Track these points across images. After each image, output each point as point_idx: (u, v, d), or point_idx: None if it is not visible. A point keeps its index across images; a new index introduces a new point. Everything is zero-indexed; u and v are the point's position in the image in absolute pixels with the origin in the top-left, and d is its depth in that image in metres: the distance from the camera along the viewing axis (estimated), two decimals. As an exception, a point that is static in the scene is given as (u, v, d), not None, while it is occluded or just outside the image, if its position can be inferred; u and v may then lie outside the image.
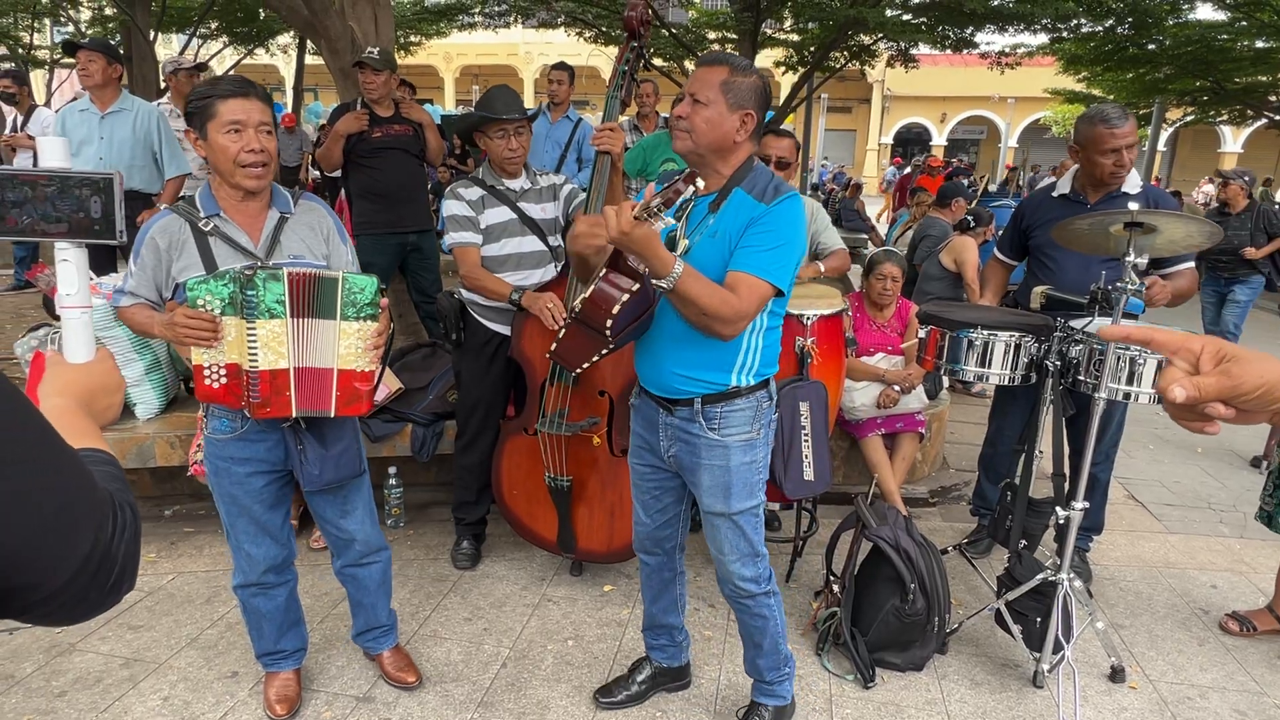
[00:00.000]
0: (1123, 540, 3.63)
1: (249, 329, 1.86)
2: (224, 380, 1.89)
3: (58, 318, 3.54)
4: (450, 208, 2.78)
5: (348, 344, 1.94)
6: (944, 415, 4.24)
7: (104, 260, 4.36)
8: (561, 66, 5.16)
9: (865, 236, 10.31)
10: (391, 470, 3.48)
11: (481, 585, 3.07)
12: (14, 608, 0.66)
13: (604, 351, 1.88)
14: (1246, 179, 6.28)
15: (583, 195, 2.92)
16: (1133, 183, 2.91)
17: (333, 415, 1.99)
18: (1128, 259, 2.28)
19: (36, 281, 4.50)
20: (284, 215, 2.05)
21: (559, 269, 2.92)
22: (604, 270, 1.80)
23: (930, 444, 4.05)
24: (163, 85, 6.68)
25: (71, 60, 4.22)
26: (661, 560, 2.33)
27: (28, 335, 3.39)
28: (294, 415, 1.96)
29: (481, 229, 2.79)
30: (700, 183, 1.64)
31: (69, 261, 1.09)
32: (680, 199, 1.61)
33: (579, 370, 1.99)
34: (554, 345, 1.92)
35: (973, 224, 5.29)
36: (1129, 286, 2.28)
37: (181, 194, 4.77)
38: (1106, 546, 3.51)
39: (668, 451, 2.09)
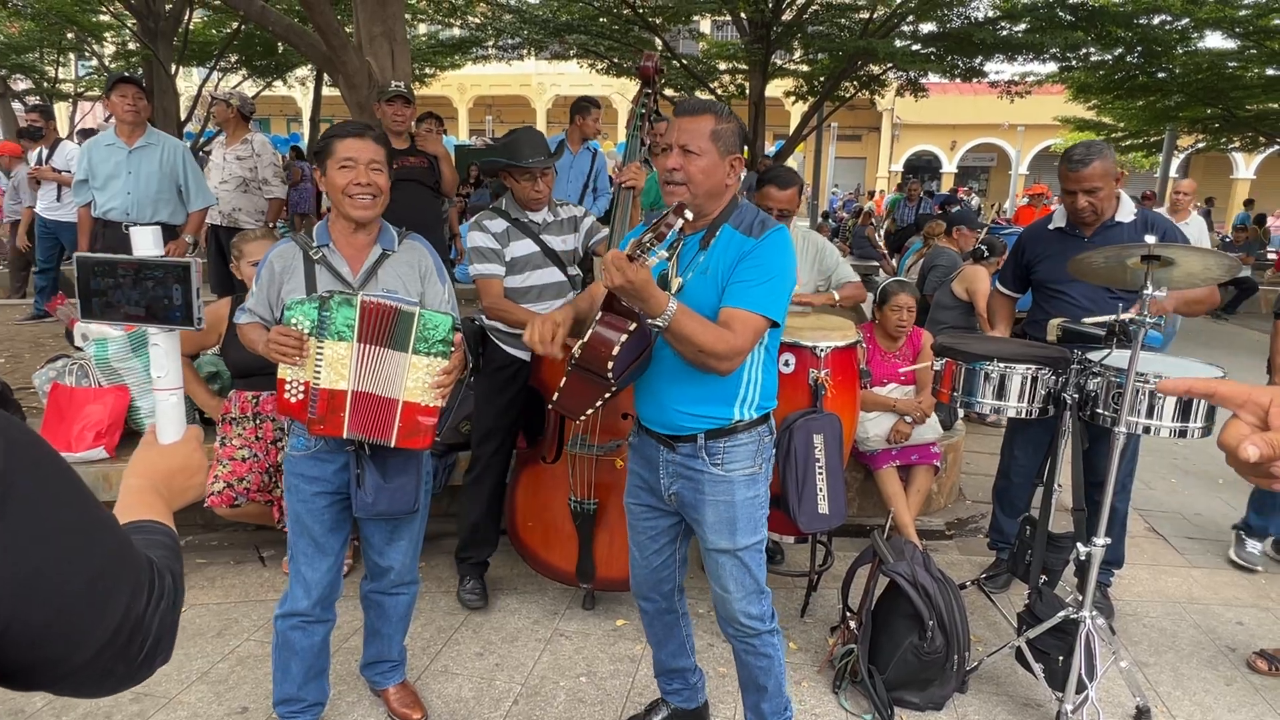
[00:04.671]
0: (1145, 574, 3.56)
1: (318, 347, 1.97)
2: (300, 396, 1.98)
3: (78, 349, 3.59)
4: (474, 239, 2.82)
5: (416, 377, 2.01)
6: (959, 445, 4.20)
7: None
8: (594, 103, 5.20)
9: (876, 264, 10.31)
10: (404, 501, 3.47)
11: (493, 619, 3.04)
12: (39, 680, 0.63)
13: (607, 396, 1.88)
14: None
15: (605, 231, 2.96)
16: (1126, 210, 2.94)
17: (393, 445, 2.04)
18: (1145, 292, 2.26)
19: (56, 313, 4.56)
20: (386, 251, 2.16)
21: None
22: (599, 314, 1.82)
23: (946, 475, 4.00)
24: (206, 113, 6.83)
25: (95, 94, 4.34)
26: (660, 605, 2.30)
27: (46, 366, 3.42)
28: (344, 435, 2.02)
29: (506, 261, 2.83)
30: (689, 214, 1.67)
31: (159, 346, 1.11)
32: (672, 233, 1.65)
33: (582, 417, 1.99)
34: (555, 396, 1.92)
35: (986, 253, 5.27)
36: (1147, 320, 2.26)
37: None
38: (1128, 581, 3.44)
39: (668, 490, 2.07)
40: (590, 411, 1.95)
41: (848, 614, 2.80)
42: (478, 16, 11.72)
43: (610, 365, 1.78)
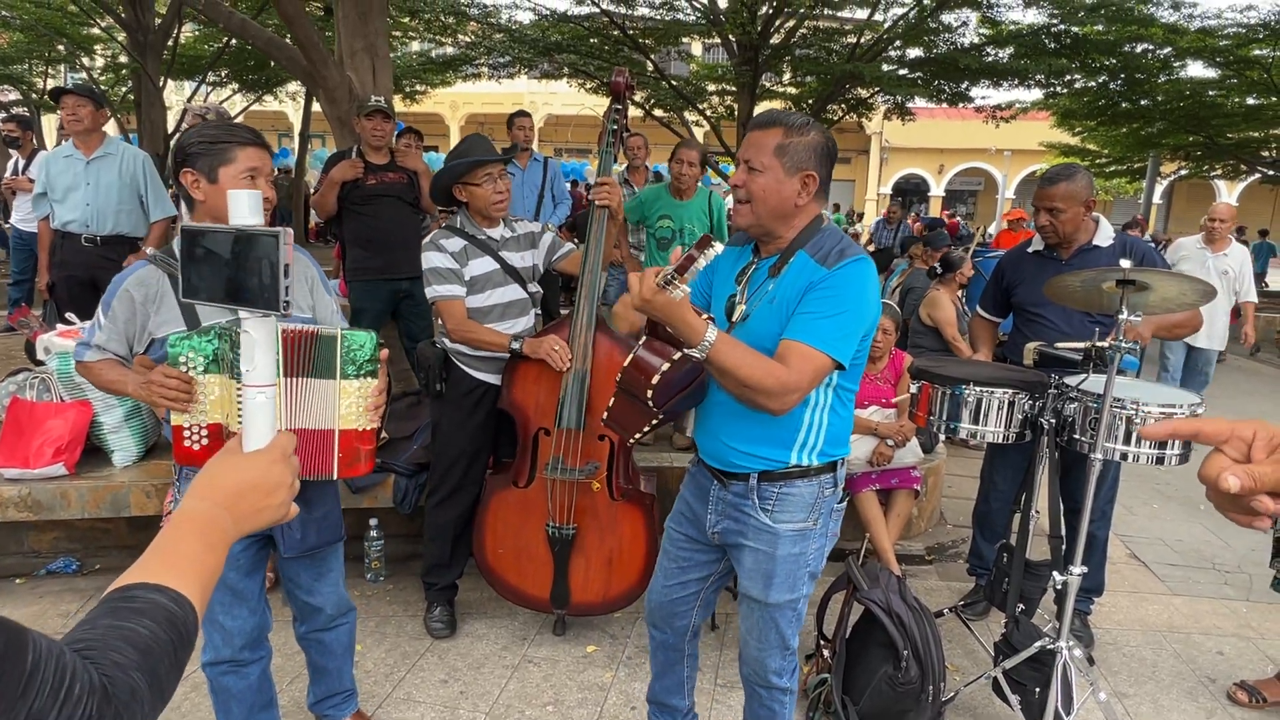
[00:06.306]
0: (1125, 602, 3.52)
1: (238, 390, 1.73)
2: (205, 442, 1.77)
3: (39, 363, 3.50)
4: (431, 259, 2.71)
5: (349, 403, 1.85)
6: (940, 469, 4.16)
7: (91, 306, 4.34)
8: (523, 114, 5.33)
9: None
10: (373, 522, 3.39)
11: (460, 645, 2.96)
12: None
13: (654, 422, 1.79)
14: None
15: (568, 246, 2.91)
16: (1104, 235, 2.93)
17: (335, 478, 1.90)
18: (1121, 316, 2.24)
19: (18, 326, 4.46)
20: None
21: (539, 315, 2.93)
22: (644, 337, 1.72)
23: (927, 499, 3.96)
24: (185, 126, 6.80)
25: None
26: (668, 638, 2.19)
27: (6, 380, 3.34)
28: None
29: (466, 280, 2.75)
30: (718, 246, 1.51)
31: (249, 333, 0.93)
32: (693, 266, 1.51)
33: (635, 438, 1.91)
34: (606, 413, 1.85)
35: (940, 271, 4.99)
36: (1123, 344, 2.24)
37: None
38: (1108, 609, 3.40)
39: (714, 526, 1.97)
40: (639, 435, 1.87)
41: (822, 642, 2.74)
42: (468, 35, 11.76)
43: (650, 393, 1.67)
